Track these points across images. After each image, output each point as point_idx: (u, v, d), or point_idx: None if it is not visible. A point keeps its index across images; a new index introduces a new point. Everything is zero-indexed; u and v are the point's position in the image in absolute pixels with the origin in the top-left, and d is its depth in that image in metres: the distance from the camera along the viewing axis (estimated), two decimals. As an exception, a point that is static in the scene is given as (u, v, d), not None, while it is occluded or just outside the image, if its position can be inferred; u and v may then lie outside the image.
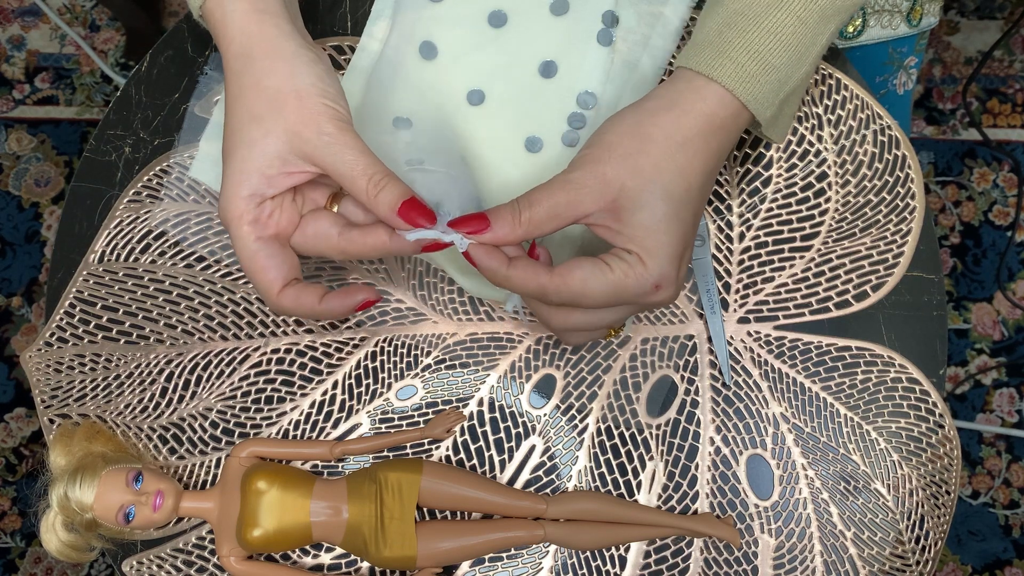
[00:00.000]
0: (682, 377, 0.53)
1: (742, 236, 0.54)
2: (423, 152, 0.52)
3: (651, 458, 0.53)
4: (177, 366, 0.54)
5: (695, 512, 0.52)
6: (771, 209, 0.55)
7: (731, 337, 0.54)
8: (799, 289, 0.54)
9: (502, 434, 0.53)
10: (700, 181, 0.43)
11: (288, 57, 0.43)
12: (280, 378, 0.54)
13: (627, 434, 0.53)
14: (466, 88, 0.55)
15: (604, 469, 0.53)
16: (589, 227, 0.44)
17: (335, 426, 0.53)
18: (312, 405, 0.53)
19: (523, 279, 0.42)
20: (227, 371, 0.54)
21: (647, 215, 0.42)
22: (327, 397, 0.53)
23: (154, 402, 0.54)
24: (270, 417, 0.53)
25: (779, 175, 0.55)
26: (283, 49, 0.43)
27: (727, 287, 0.54)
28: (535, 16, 0.55)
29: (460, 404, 0.53)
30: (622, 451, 0.53)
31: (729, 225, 0.55)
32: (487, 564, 0.52)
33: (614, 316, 0.44)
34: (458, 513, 0.52)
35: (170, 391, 0.54)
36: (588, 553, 0.52)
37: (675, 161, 0.43)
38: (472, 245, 0.42)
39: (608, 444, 0.53)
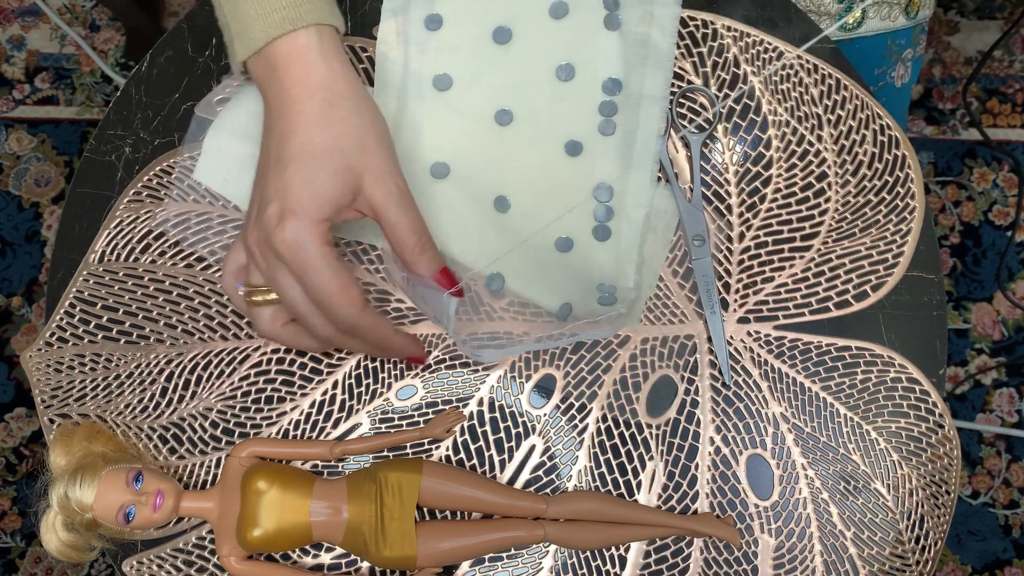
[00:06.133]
0: (682, 377, 0.53)
1: (742, 236, 0.54)
2: (458, 204, 0.54)
3: (651, 458, 0.53)
4: (177, 366, 0.54)
5: (695, 512, 0.52)
6: (771, 209, 0.55)
7: (731, 337, 0.54)
8: (799, 289, 0.54)
9: (502, 434, 0.53)
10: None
11: (369, 102, 0.47)
12: (280, 378, 0.54)
13: (627, 434, 0.53)
14: (491, 111, 0.55)
15: (604, 469, 0.53)
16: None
17: (335, 426, 0.53)
18: (312, 405, 0.53)
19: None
20: (227, 371, 0.54)
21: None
22: (327, 397, 0.53)
23: (154, 402, 0.54)
24: (270, 417, 0.53)
25: (779, 175, 0.55)
26: (363, 92, 0.47)
27: (727, 287, 0.54)
28: (537, 24, 0.55)
29: (460, 404, 0.53)
30: (622, 451, 0.53)
31: (729, 225, 0.55)
32: (487, 564, 0.52)
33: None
34: (458, 513, 0.52)
35: (170, 391, 0.54)
36: (588, 553, 0.52)
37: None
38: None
39: (608, 444, 0.53)
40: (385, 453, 0.53)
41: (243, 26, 0.46)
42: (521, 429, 0.53)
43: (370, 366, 0.54)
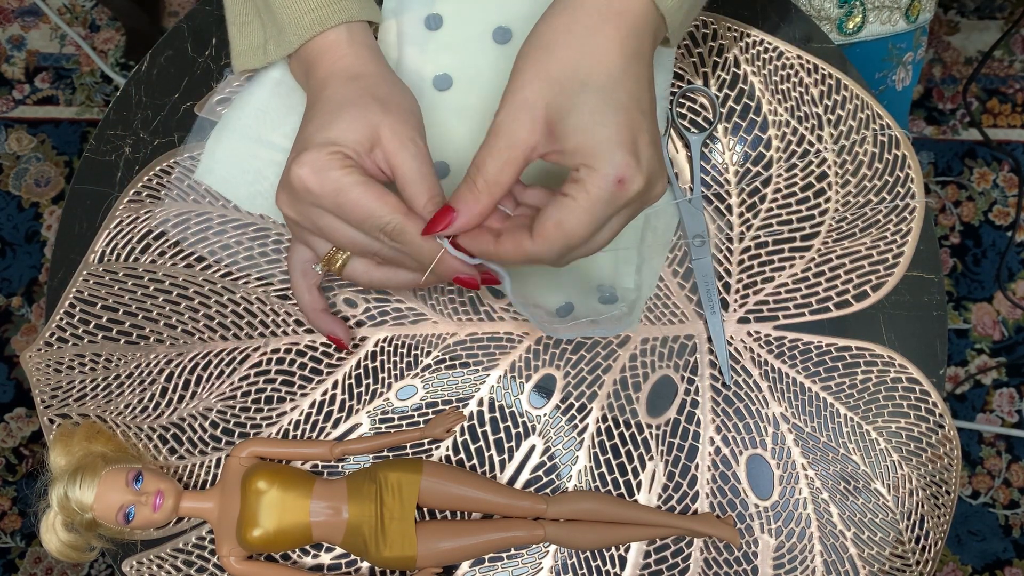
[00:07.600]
0: (682, 377, 0.53)
1: (742, 236, 0.54)
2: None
3: (651, 458, 0.53)
4: (177, 366, 0.54)
5: (695, 512, 0.52)
6: (771, 209, 0.55)
7: (731, 337, 0.54)
8: (799, 289, 0.54)
9: (502, 434, 0.53)
10: (621, 63, 0.40)
11: (394, 80, 0.48)
12: (280, 378, 0.54)
13: (627, 434, 0.53)
14: (491, 110, 0.54)
15: (604, 469, 0.53)
16: (550, 162, 0.42)
17: (335, 426, 0.53)
18: (312, 405, 0.53)
19: (512, 251, 0.41)
20: (227, 371, 0.54)
21: (576, 116, 0.39)
22: (327, 397, 0.53)
23: (154, 402, 0.54)
24: (270, 417, 0.53)
25: (779, 175, 0.55)
26: (387, 73, 0.48)
27: (727, 287, 0.54)
28: None
29: (460, 404, 0.53)
30: (622, 451, 0.53)
31: (729, 225, 0.55)
32: (487, 564, 0.52)
33: (610, 232, 0.42)
34: (458, 513, 0.52)
35: (170, 391, 0.54)
36: (588, 553, 0.52)
37: (584, 52, 0.40)
38: (462, 236, 0.42)
39: (608, 444, 0.53)
40: (385, 453, 0.53)
41: (278, 29, 0.48)
42: (521, 429, 0.53)
43: (370, 366, 0.54)
